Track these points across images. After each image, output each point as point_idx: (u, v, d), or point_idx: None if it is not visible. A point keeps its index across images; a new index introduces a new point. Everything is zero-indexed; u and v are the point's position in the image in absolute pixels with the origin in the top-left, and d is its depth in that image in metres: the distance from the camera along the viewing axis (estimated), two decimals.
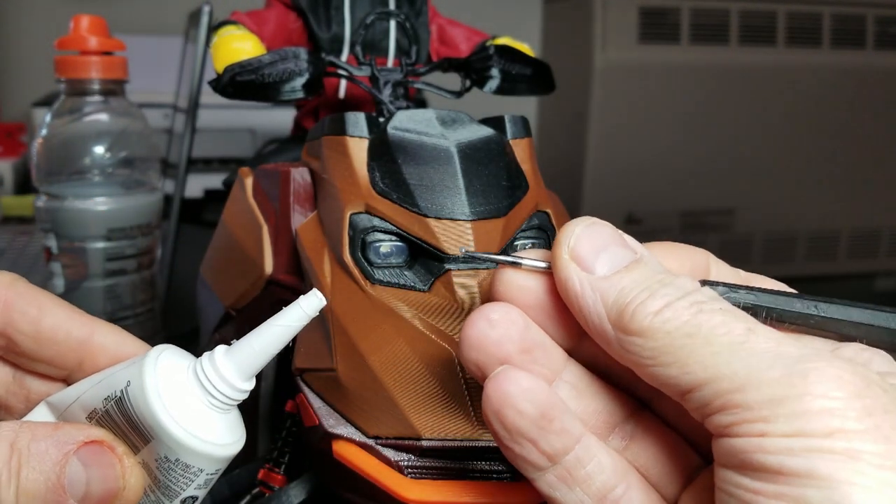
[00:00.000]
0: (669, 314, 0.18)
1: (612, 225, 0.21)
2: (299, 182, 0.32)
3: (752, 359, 0.17)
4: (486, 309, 0.20)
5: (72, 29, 0.47)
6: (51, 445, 0.19)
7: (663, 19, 1.43)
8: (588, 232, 0.20)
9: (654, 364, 0.18)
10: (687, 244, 0.22)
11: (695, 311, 0.18)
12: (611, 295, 0.19)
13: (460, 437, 0.24)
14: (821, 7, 1.48)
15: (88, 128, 0.47)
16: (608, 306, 0.19)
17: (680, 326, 0.18)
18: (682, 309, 0.18)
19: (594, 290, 0.19)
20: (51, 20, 1.31)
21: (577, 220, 0.21)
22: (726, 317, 0.18)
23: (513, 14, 1.58)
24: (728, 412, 0.17)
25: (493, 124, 0.31)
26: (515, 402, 0.19)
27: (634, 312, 0.19)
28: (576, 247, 0.20)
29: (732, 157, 1.51)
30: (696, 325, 0.18)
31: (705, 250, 0.22)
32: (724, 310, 0.18)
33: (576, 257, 0.20)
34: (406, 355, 0.25)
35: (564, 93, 0.95)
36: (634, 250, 0.20)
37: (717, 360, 0.17)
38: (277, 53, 0.36)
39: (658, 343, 0.18)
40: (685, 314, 0.18)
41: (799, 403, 0.16)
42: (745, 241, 1.57)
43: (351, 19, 0.42)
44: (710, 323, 0.18)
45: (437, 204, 0.27)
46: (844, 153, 1.56)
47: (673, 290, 0.19)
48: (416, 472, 0.25)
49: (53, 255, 0.48)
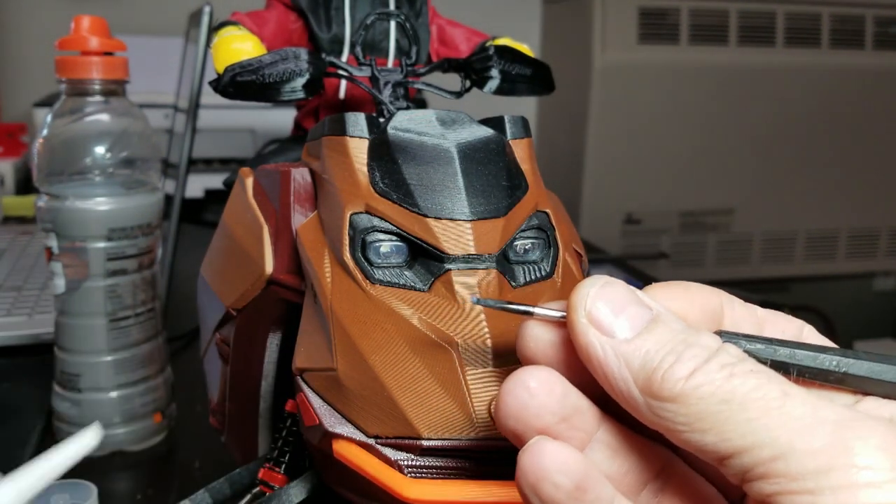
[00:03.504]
0: (701, 379, 0.18)
1: (622, 282, 0.20)
2: (300, 182, 0.32)
3: (792, 423, 0.17)
4: (524, 375, 0.20)
5: (73, 29, 0.47)
6: None
7: (663, 19, 1.43)
8: (603, 293, 0.20)
9: (688, 430, 0.18)
10: (699, 283, 0.22)
11: (727, 375, 0.18)
12: (636, 360, 0.19)
13: (460, 436, 0.24)
14: (820, 7, 1.49)
15: (89, 128, 0.47)
16: (634, 372, 0.19)
17: (714, 392, 0.18)
18: (713, 373, 0.18)
19: (618, 355, 0.19)
20: (51, 20, 1.31)
21: (589, 281, 0.20)
22: (760, 379, 0.18)
23: (513, 14, 1.58)
24: (771, 481, 0.17)
25: (493, 124, 0.31)
26: (552, 476, 0.19)
27: (664, 378, 0.18)
28: (592, 310, 0.19)
29: (732, 157, 1.51)
30: (730, 390, 0.17)
31: (717, 290, 0.22)
32: (755, 371, 0.18)
33: (594, 321, 0.19)
34: (406, 355, 0.25)
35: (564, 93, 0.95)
36: (650, 307, 0.20)
37: (756, 426, 0.17)
38: (278, 54, 0.36)
39: (692, 409, 0.18)
40: (717, 378, 0.18)
41: (845, 475, 0.16)
42: (744, 240, 1.57)
43: (351, 20, 0.42)
44: (744, 387, 0.17)
45: (437, 204, 0.27)
46: (843, 153, 1.56)
47: (700, 351, 0.18)
48: (416, 472, 0.25)
49: (54, 254, 0.48)
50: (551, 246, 0.30)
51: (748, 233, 1.57)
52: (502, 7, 1.55)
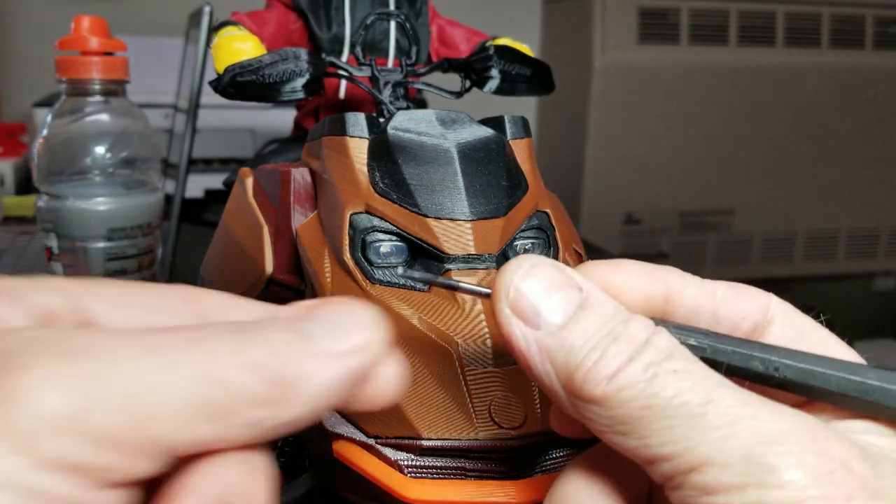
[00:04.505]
0: (623, 381, 0.17)
1: (552, 260, 0.19)
2: (300, 182, 0.32)
3: (710, 434, 0.16)
4: None
5: (73, 29, 0.47)
6: None
7: (663, 20, 1.43)
8: (527, 279, 0.18)
9: (611, 432, 0.17)
10: (645, 262, 0.20)
11: (650, 377, 0.17)
12: (559, 355, 0.18)
13: (460, 436, 0.24)
14: (820, 7, 1.48)
15: (89, 128, 0.47)
16: (557, 368, 0.18)
17: (636, 396, 0.17)
18: (636, 375, 0.17)
19: (541, 349, 0.18)
20: (51, 20, 1.31)
21: (514, 263, 0.19)
22: (683, 383, 0.17)
23: (513, 14, 1.58)
24: (686, 492, 0.16)
25: (492, 124, 0.31)
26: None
27: (585, 379, 0.17)
28: (515, 299, 0.18)
29: (732, 157, 1.51)
30: (652, 394, 0.16)
31: (668, 268, 0.20)
32: (680, 372, 0.17)
33: (517, 311, 0.18)
34: (406, 355, 0.25)
35: (564, 93, 0.95)
36: (580, 288, 0.18)
37: (676, 435, 0.16)
38: (278, 54, 0.36)
39: (614, 413, 0.17)
40: (640, 382, 0.17)
41: (760, 494, 0.15)
42: (744, 240, 1.57)
43: (351, 20, 0.42)
44: (666, 392, 0.16)
45: (437, 204, 0.27)
46: (843, 153, 1.56)
47: (625, 346, 0.17)
48: (416, 472, 0.25)
49: (54, 254, 0.48)
50: (551, 246, 0.30)
51: (748, 233, 1.57)
52: (502, 7, 1.55)
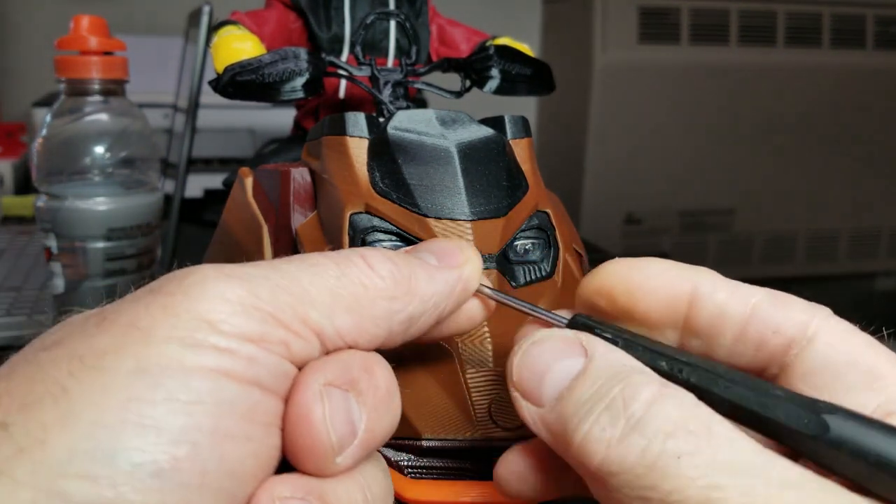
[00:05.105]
0: (615, 463, 0.16)
1: (559, 330, 0.19)
2: (299, 182, 0.32)
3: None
4: None
5: (72, 29, 0.47)
6: None
7: (663, 19, 1.43)
8: (526, 359, 0.19)
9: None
10: (669, 262, 0.20)
11: (649, 464, 0.16)
12: (557, 428, 0.18)
13: (460, 436, 0.24)
14: (821, 7, 1.48)
15: (88, 128, 0.47)
16: (558, 442, 0.18)
17: (631, 483, 0.16)
18: (631, 456, 0.16)
19: (544, 425, 0.18)
20: (51, 20, 1.31)
21: (518, 344, 0.19)
22: (687, 472, 0.15)
23: (513, 14, 1.58)
24: None
25: (493, 124, 0.31)
26: None
27: (579, 452, 0.17)
28: (518, 381, 0.19)
29: (732, 156, 1.51)
30: (649, 486, 0.16)
31: (696, 269, 0.19)
32: (684, 457, 0.15)
33: (520, 390, 0.19)
34: (406, 355, 0.25)
35: (564, 93, 0.95)
36: (583, 352, 0.18)
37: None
38: (277, 53, 0.36)
39: (618, 480, 0.16)
40: (636, 465, 0.16)
41: None
42: (744, 241, 1.57)
43: (351, 19, 0.42)
44: (664, 485, 0.16)
45: (437, 204, 0.27)
46: (844, 153, 1.56)
47: (618, 416, 0.16)
48: (416, 472, 0.25)
49: (53, 254, 0.48)
50: (551, 246, 0.30)
51: (749, 233, 1.57)
52: (502, 7, 1.54)
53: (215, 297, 0.16)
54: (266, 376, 0.17)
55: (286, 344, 0.17)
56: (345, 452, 0.17)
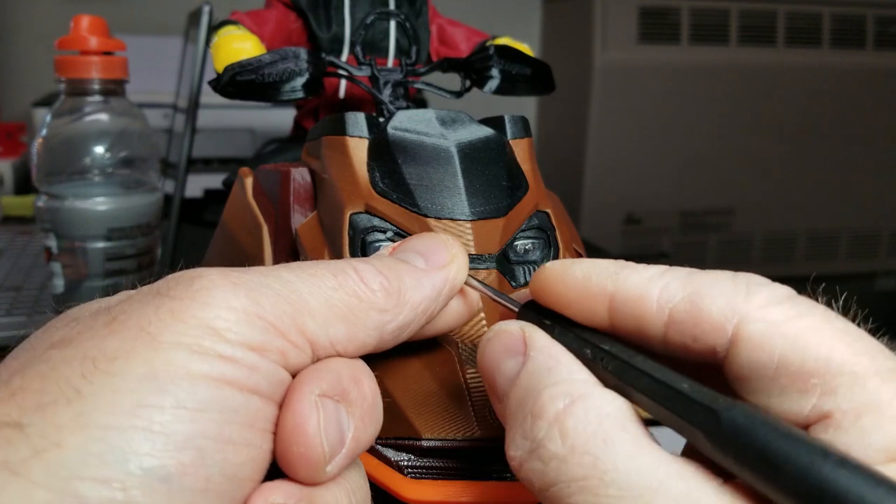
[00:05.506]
0: (536, 469, 0.17)
1: (515, 322, 0.20)
2: (299, 182, 0.32)
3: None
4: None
5: (72, 29, 0.47)
6: None
7: (663, 19, 1.43)
8: (483, 356, 0.20)
9: None
10: (595, 261, 0.20)
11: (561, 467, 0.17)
12: (507, 420, 0.19)
13: (460, 436, 0.24)
14: (820, 7, 1.48)
15: (88, 128, 0.47)
16: (513, 433, 0.18)
17: (555, 480, 0.17)
18: (551, 460, 0.17)
19: (501, 417, 0.20)
20: (51, 20, 1.31)
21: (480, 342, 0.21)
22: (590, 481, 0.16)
23: (513, 14, 1.58)
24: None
25: (493, 124, 0.31)
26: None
27: (509, 446, 0.18)
28: (483, 377, 0.20)
29: (732, 157, 1.51)
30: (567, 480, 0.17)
31: (616, 263, 0.19)
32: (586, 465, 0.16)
33: (487, 388, 0.20)
34: (405, 355, 0.25)
35: (564, 93, 0.95)
36: (524, 350, 0.19)
37: None
38: (277, 53, 0.36)
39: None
40: (552, 471, 0.17)
41: None
42: (744, 241, 1.57)
43: (351, 19, 0.42)
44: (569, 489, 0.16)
45: (437, 204, 0.27)
46: (844, 153, 1.56)
47: (540, 421, 0.17)
48: (416, 472, 0.25)
49: (53, 255, 0.48)
50: (551, 246, 0.30)
51: (749, 233, 1.57)
52: (502, 7, 1.54)
53: (221, 304, 0.17)
54: (265, 384, 0.17)
55: (284, 353, 0.18)
56: (334, 461, 0.18)
